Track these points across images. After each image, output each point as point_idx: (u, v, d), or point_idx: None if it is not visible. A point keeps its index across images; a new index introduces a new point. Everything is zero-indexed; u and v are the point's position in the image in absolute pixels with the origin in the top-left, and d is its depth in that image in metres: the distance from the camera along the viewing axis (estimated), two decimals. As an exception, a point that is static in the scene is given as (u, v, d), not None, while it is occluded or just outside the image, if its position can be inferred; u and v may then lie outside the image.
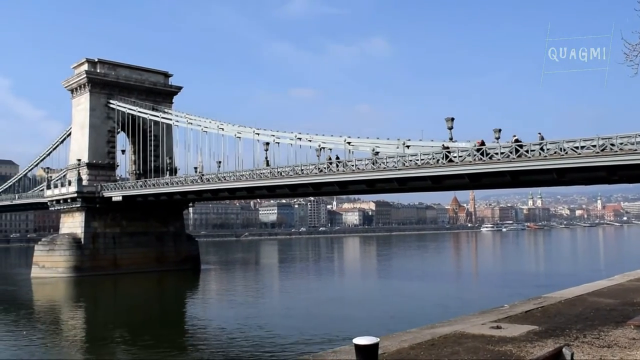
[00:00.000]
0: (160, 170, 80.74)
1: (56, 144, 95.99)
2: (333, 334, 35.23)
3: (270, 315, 45.62)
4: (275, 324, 40.17)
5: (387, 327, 33.42)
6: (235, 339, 35.42)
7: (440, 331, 15.88)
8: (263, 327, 38.96)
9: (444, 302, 47.78)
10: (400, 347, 13.75)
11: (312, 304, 51.18)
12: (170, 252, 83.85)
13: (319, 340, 33.54)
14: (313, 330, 37.00)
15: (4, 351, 32.60)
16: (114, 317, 47.32)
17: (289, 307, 50.27)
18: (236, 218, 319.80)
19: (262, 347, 32.56)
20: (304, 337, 34.93)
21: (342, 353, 13.13)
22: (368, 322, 38.41)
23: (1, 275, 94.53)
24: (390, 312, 43.80)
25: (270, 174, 59.85)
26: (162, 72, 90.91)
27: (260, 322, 41.24)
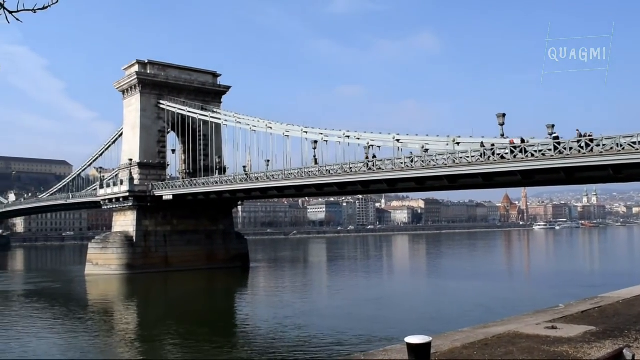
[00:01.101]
0: (209, 169, 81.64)
1: (108, 145, 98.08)
2: (382, 332, 34.83)
3: (318, 313, 45.45)
4: (324, 322, 39.95)
5: (438, 326, 32.85)
6: (283, 337, 35.36)
7: (493, 331, 15.57)
8: (311, 325, 38.81)
9: (496, 301, 46.78)
10: (453, 346, 13.54)
11: (360, 302, 50.75)
12: (219, 250, 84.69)
13: (369, 338, 33.20)
14: (362, 329, 36.61)
15: (59, 346, 33.30)
16: (165, 314, 47.88)
17: (338, 305, 50.01)
18: (285, 216, 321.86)
19: (311, 345, 32.38)
20: (353, 336, 34.58)
21: (394, 352, 12.98)
22: (418, 321, 37.86)
23: (57, 273, 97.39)
24: (440, 311, 43.12)
25: (319, 172, 59.70)
26: (211, 72, 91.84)
27: (309, 320, 41.15)
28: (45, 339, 35.75)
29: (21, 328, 40.21)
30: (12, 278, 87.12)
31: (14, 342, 34.44)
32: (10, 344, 33.95)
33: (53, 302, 55.77)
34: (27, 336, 36.64)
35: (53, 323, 43.46)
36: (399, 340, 20.27)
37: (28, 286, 71.72)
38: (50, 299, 58.22)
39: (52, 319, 45.36)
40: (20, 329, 39.91)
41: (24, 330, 39.01)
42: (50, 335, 37.51)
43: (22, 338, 35.92)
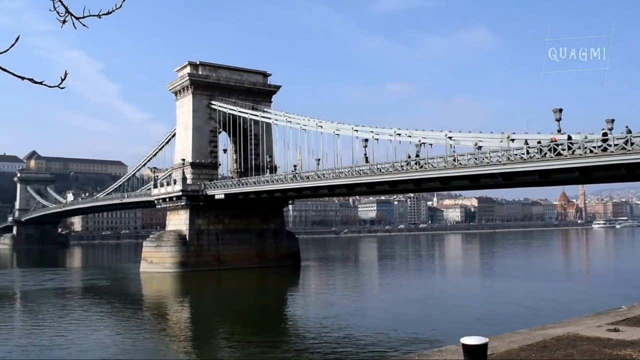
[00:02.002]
0: (260, 168, 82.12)
1: (162, 145, 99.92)
2: (435, 333, 34.25)
3: (369, 312, 45.00)
4: (375, 322, 39.45)
5: (492, 327, 32.03)
6: (334, 337, 35.01)
7: (552, 332, 15.08)
8: (363, 325, 38.36)
9: (552, 303, 45.44)
10: (510, 348, 13.24)
11: (412, 302, 50.04)
12: (270, 249, 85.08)
13: (421, 339, 32.67)
14: (414, 329, 36.07)
15: (114, 342, 33.79)
16: (216, 311, 48.34)
17: (389, 304, 49.47)
18: (335, 215, 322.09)
19: (362, 345, 31.95)
20: (405, 336, 34.09)
21: (449, 352, 12.81)
22: (470, 322, 36.99)
23: (113, 270, 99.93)
24: (493, 312, 42.09)
25: (370, 171, 59.25)
26: (261, 72, 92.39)
27: (360, 320, 40.71)
28: (101, 334, 36.37)
29: (78, 324, 41.14)
30: (70, 275, 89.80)
31: (71, 337, 35.25)
32: (67, 338, 34.77)
33: (109, 299, 57.15)
34: (83, 332, 37.45)
35: (109, 319, 44.45)
36: (452, 340, 19.61)
37: (85, 283, 73.73)
38: (107, 296, 59.68)
39: (108, 316, 46.41)
40: (78, 324, 40.85)
41: (80, 326, 39.93)
42: (107, 331, 38.15)
43: (79, 333, 36.70)
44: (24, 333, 37.92)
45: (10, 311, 51.70)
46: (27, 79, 4.50)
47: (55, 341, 33.94)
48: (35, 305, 53.11)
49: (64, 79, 4.62)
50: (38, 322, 42.32)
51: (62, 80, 4.56)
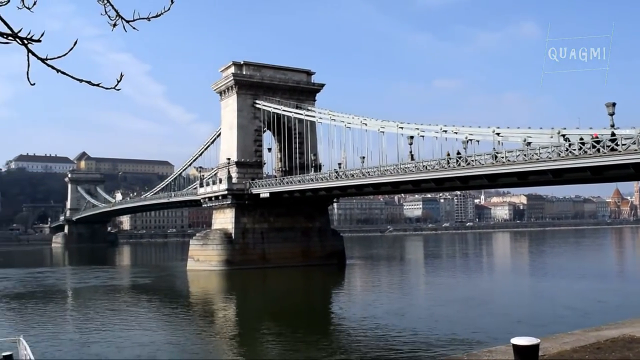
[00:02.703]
0: (305, 166, 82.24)
1: (207, 145, 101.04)
2: (483, 333, 33.71)
3: (416, 312, 44.59)
4: (422, 321, 39.14)
5: (541, 328, 31.34)
6: (381, 335, 34.82)
7: (606, 334, 14.60)
8: (409, 324, 38.07)
9: (603, 304, 44.16)
10: (562, 349, 12.92)
11: (458, 301, 49.29)
12: (315, 247, 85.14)
13: (468, 339, 32.20)
14: (461, 329, 35.57)
15: (162, 339, 34.33)
16: (262, 309, 48.53)
17: (435, 303, 48.91)
18: (380, 213, 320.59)
19: (409, 345, 31.65)
20: (452, 335, 33.63)
21: (498, 353, 12.63)
22: (519, 322, 36.34)
23: (161, 268, 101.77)
24: (543, 312, 41.13)
25: (415, 168, 58.72)
26: (305, 71, 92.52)
27: (406, 319, 40.38)
28: (150, 331, 37.04)
29: (127, 320, 41.95)
30: (120, 273, 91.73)
31: (121, 333, 35.99)
32: (116, 334, 35.49)
33: (157, 296, 58.19)
34: (132, 328, 38.19)
35: (157, 316, 45.21)
36: (499, 341, 19.26)
37: (134, 281, 75.26)
38: (155, 293, 60.75)
39: (156, 313, 47.22)
40: (127, 321, 41.63)
41: (129, 323, 40.66)
42: (154, 327, 38.89)
43: (128, 330, 37.45)
44: (75, 329, 38.88)
45: (63, 308, 53.07)
46: (85, 81, 4.55)
47: (104, 337, 34.66)
48: (85, 302, 54.55)
49: (119, 81, 4.69)
50: (88, 319, 43.33)
51: (118, 82, 4.65)
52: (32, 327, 38.29)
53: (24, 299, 56.72)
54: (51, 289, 66.39)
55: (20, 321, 42.84)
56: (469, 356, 13.33)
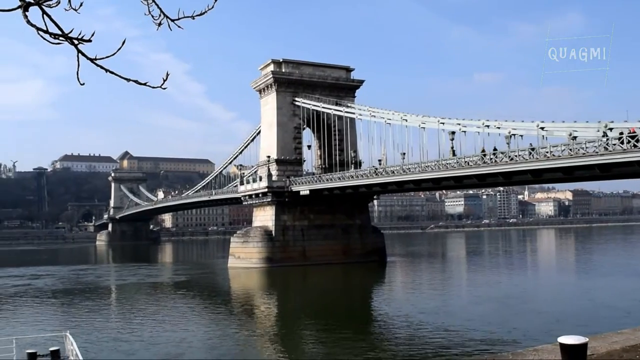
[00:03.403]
0: (345, 163, 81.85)
1: (247, 143, 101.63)
2: (528, 331, 33.15)
3: (458, 310, 43.93)
4: (464, 320, 38.50)
5: (590, 326, 30.43)
6: (422, 333, 34.36)
7: None
8: (451, 323, 37.54)
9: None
10: (611, 349, 12.54)
11: (502, 299, 48.42)
12: (356, 244, 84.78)
13: (513, 337, 31.73)
14: (504, 327, 35.02)
15: (203, 335, 34.44)
16: (302, 307, 48.54)
17: (478, 301, 48.10)
18: (421, 210, 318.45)
19: (451, 344, 31.16)
20: (496, 334, 33.15)
21: (545, 352, 12.25)
22: (567, 321, 35.40)
23: (202, 265, 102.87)
24: (586, 311, 40.03)
25: (457, 164, 57.88)
26: (344, 67, 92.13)
27: (448, 318, 39.84)
28: (192, 328, 37.20)
29: (170, 317, 42.43)
30: (162, 270, 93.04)
31: (163, 330, 36.39)
32: (159, 331, 35.94)
33: (199, 294, 58.69)
34: (174, 325, 38.43)
35: (199, 313, 45.54)
36: (545, 339, 18.60)
37: (176, 278, 76.18)
38: (196, 291, 61.29)
39: (198, 310, 47.62)
40: (169, 318, 42.13)
41: (172, 320, 41.08)
42: (197, 325, 39.03)
43: (171, 327, 37.76)
44: (119, 325, 39.42)
45: (107, 304, 54.20)
46: (132, 80, 4.56)
47: (147, 334, 35.09)
48: (129, 299, 55.49)
49: (165, 80, 4.67)
50: (131, 315, 44.01)
51: (164, 81, 4.64)
52: (78, 323, 39.05)
53: (69, 295, 57.97)
54: (95, 285, 67.77)
55: (67, 317, 43.78)
56: (515, 355, 12.94)
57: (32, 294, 58.24)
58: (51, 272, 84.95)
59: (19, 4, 3.95)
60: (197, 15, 4.83)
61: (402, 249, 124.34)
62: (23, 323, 40.58)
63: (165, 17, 4.62)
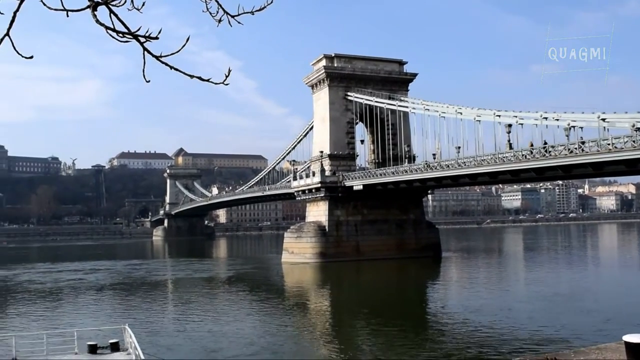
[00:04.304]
0: (398, 158, 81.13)
1: (300, 138, 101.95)
2: (589, 329, 32.21)
3: (516, 306, 42.95)
4: (522, 316, 37.71)
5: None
6: (478, 330, 33.65)
7: None
8: (509, 319, 36.80)
9: None
10: None
11: (561, 296, 47.16)
12: (410, 240, 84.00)
13: (574, 335, 30.86)
14: (565, 324, 34.08)
15: (257, 330, 34.61)
16: (356, 302, 48.31)
17: (536, 298, 46.77)
18: (477, 204, 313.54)
19: (509, 341, 30.38)
20: (555, 331, 32.26)
21: (608, 351, 11.89)
22: (633, 319, 33.89)
23: (256, 260, 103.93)
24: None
25: (514, 158, 56.61)
26: (397, 61, 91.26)
27: (505, 314, 39.00)
28: (247, 323, 37.51)
29: (225, 312, 42.90)
30: (217, 265, 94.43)
31: (219, 324, 36.69)
32: (214, 325, 36.21)
33: (253, 288, 59.28)
34: (229, 320, 38.77)
35: (253, 308, 45.88)
36: (610, 337, 17.85)
37: (230, 272, 77.18)
38: (251, 285, 61.98)
39: (253, 304, 48.00)
40: (224, 312, 42.58)
41: (227, 314, 41.48)
42: (251, 319, 39.41)
43: (226, 321, 38.12)
44: (176, 319, 40.15)
45: (164, 298, 55.27)
46: (196, 77, 4.59)
47: (203, 328, 35.37)
48: (185, 293, 56.43)
49: (227, 76, 4.68)
50: (188, 309, 44.71)
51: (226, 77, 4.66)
52: (136, 316, 39.90)
53: (127, 289, 59.41)
54: (153, 280, 69.17)
55: (125, 310, 44.75)
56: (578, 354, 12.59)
57: (92, 288, 59.96)
58: (109, 266, 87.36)
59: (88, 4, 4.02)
60: (256, 11, 4.84)
61: (457, 244, 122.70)
62: (83, 316, 41.77)
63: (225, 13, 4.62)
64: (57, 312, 45.00)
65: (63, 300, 52.43)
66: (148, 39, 4.17)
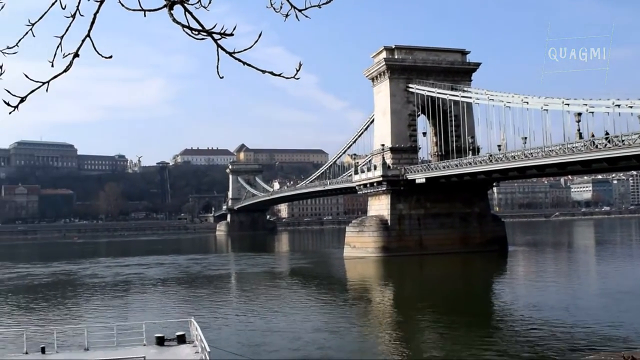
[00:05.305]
0: (461, 150, 79.40)
1: (361, 132, 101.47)
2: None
3: (586, 303, 41.50)
4: (593, 313, 36.31)
5: None
6: (545, 328, 32.41)
7: None
8: (579, 316, 35.54)
9: None
10: None
11: (634, 292, 44.94)
12: (474, 233, 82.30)
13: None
14: (633, 322, 32.43)
15: (319, 324, 34.45)
16: (420, 297, 47.73)
17: (609, 294, 44.82)
18: (544, 197, 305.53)
19: (578, 339, 29.27)
20: (630, 329, 30.54)
21: None
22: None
23: (318, 254, 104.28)
24: None
25: (584, 147, 54.48)
26: (459, 50, 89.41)
27: (576, 311, 37.64)
28: (310, 318, 37.41)
29: (288, 306, 43.12)
30: (279, 259, 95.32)
31: (282, 319, 36.91)
32: (278, 320, 36.45)
33: (316, 283, 59.44)
34: (293, 315, 38.92)
35: (316, 303, 45.92)
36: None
37: (293, 267, 77.86)
38: (314, 280, 62.22)
39: (316, 299, 48.02)
40: (287, 307, 42.78)
41: (290, 309, 41.67)
42: (314, 315, 39.24)
43: (289, 316, 38.30)
44: (240, 313, 40.51)
45: (228, 292, 56.22)
46: (267, 72, 4.62)
47: (267, 322, 35.67)
48: (249, 287, 57.25)
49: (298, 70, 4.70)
50: (252, 303, 45.13)
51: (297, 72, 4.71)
52: (201, 310, 40.52)
53: (192, 282, 60.66)
54: (217, 274, 70.33)
55: (190, 303, 45.61)
56: None
57: (158, 281, 61.63)
58: (174, 260, 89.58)
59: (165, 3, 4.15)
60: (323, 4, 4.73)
61: (524, 238, 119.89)
62: (150, 308, 42.97)
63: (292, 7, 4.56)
64: (125, 304, 46.52)
65: (131, 293, 54.09)
66: (223, 35, 4.23)
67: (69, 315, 40.29)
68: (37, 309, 44.73)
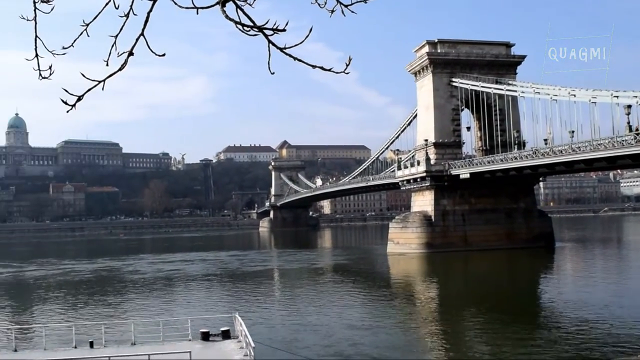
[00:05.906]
0: (507, 144, 78.10)
1: (403, 127, 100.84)
2: None
3: (635, 302, 40.17)
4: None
5: None
6: (591, 327, 31.64)
7: None
8: (628, 315, 34.36)
9: None
10: None
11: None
12: (520, 229, 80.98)
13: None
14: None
15: (363, 321, 34.38)
16: (465, 294, 47.27)
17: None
18: (593, 192, 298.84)
19: (626, 338, 28.32)
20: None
21: None
22: None
23: (361, 250, 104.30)
24: None
25: (635, 141, 52.91)
26: (503, 43, 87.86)
27: (625, 310, 36.49)
28: (355, 315, 37.17)
29: (332, 303, 43.00)
30: (322, 255, 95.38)
31: (327, 316, 36.90)
32: (322, 317, 36.42)
33: (360, 279, 59.36)
34: (337, 311, 38.78)
35: (361, 299, 45.76)
36: None
37: (336, 263, 77.79)
38: (357, 276, 62.07)
39: (360, 296, 47.87)
40: (331, 303, 42.72)
41: (334, 305, 41.57)
42: (359, 312, 39.07)
43: (334, 313, 38.21)
44: (284, 309, 40.76)
45: (272, 288, 56.73)
46: (317, 67, 4.61)
47: (311, 319, 35.64)
48: (292, 283, 57.67)
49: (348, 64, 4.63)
50: (296, 299, 45.34)
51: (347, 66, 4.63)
52: (245, 305, 40.92)
53: (236, 278, 61.34)
54: (261, 269, 70.99)
55: (235, 299, 46.08)
56: None
57: (202, 277, 62.33)
58: (217, 256, 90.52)
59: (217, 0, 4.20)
60: None
61: (572, 234, 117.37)
62: (195, 304, 43.48)
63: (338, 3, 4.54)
64: (170, 300, 47.26)
65: (176, 288, 54.97)
66: (275, 31, 4.26)
67: (116, 311, 41.09)
68: (85, 304, 45.69)
